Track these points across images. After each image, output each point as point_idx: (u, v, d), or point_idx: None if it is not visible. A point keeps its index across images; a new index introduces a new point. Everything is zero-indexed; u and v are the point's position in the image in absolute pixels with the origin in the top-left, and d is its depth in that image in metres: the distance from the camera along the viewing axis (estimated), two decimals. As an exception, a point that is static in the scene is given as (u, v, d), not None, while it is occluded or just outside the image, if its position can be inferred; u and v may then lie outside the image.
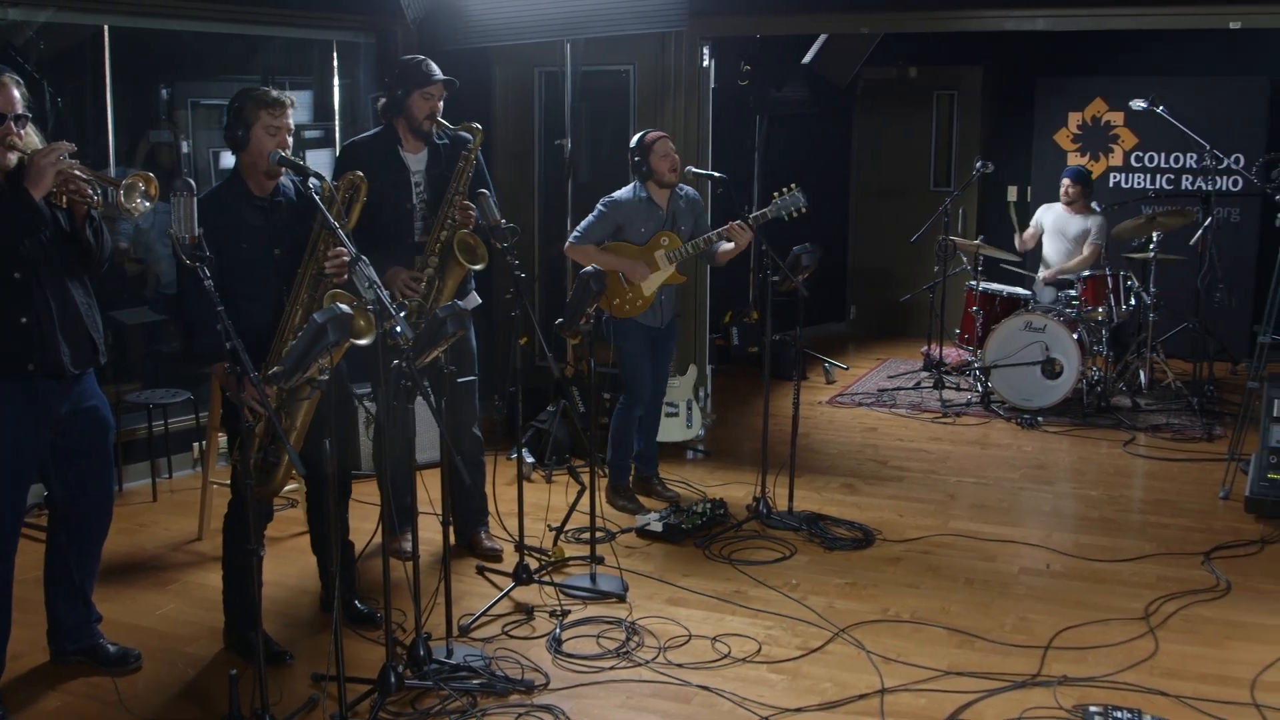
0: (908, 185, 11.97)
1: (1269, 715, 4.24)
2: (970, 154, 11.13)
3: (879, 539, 6.07)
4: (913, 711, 4.28)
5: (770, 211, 6.14)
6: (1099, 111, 11.17)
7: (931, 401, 9.03)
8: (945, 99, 11.85)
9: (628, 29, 7.24)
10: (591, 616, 5.06)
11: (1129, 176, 11.14)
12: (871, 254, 12.21)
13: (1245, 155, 10.43)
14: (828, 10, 7.53)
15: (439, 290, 5.34)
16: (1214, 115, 10.23)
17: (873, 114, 12.15)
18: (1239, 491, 6.69)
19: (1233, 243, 10.47)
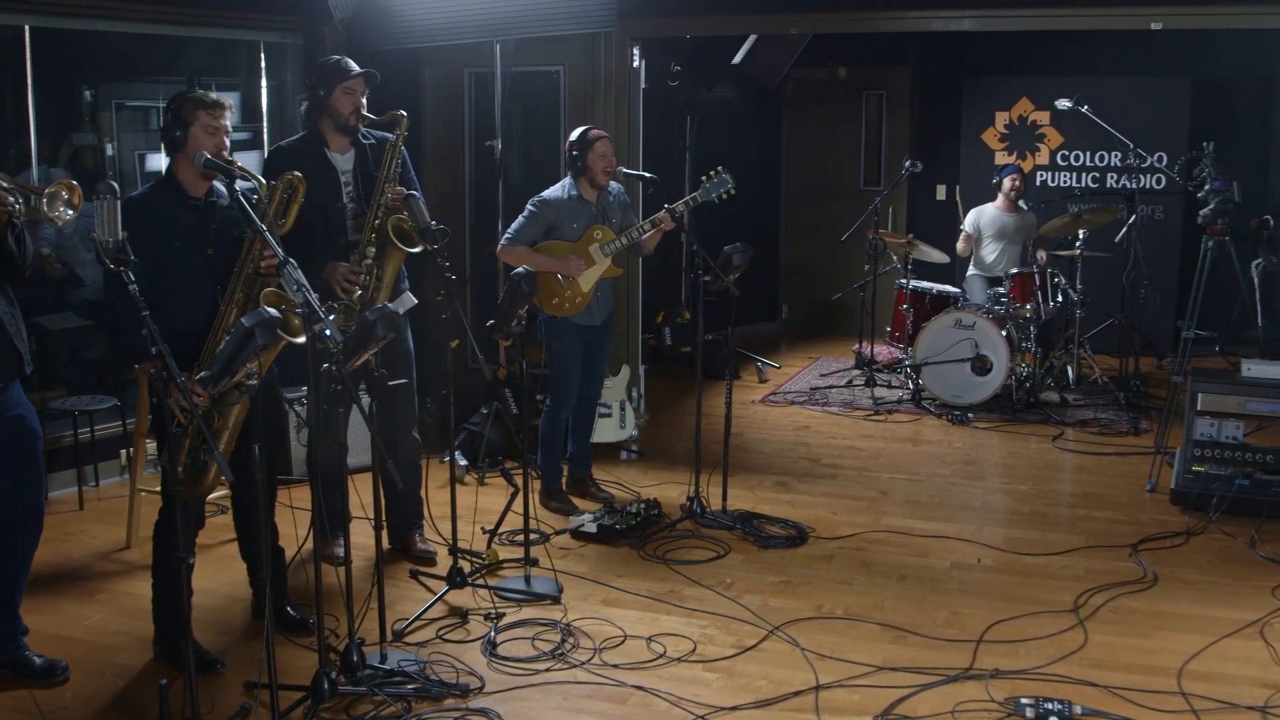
0: (838, 185, 12.05)
1: (1195, 704, 4.31)
2: (899, 153, 11.22)
3: (812, 537, 6.10)
4: (847, 707, 4.31)
5: (700, 195, 6.18)
6: (1026, 111, 11.30)
7: (863, 399, 9.10)
8: (874, 99, 11.94)
9: (558, 30, 7.23)
10: (526, 619, 5.04)
11: (1055, 175, 11.29)
12: (803, 253, 12.28)
13: (1168, 154, 10.61)
14: (757, 11, 7.56)
15: (378, 279, 5.31)
16: (1137, 115, 10.38)
17: (803, 114, 12.22)
18: (1165, 484, 6.81)
19: (1157, 240, 10.65)
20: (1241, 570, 5.70)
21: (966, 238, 9.51)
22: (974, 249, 9.55)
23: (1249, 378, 6.73)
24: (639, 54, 7.64)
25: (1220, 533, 6.19)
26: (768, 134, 12.15)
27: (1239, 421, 6.68)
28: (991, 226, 9.47)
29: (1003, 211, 9.46)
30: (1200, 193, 7.40)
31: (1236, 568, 5.74)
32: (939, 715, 4.23)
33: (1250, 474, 6.48)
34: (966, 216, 9.62)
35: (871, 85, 11.93)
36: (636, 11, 7.39)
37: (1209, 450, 6.63)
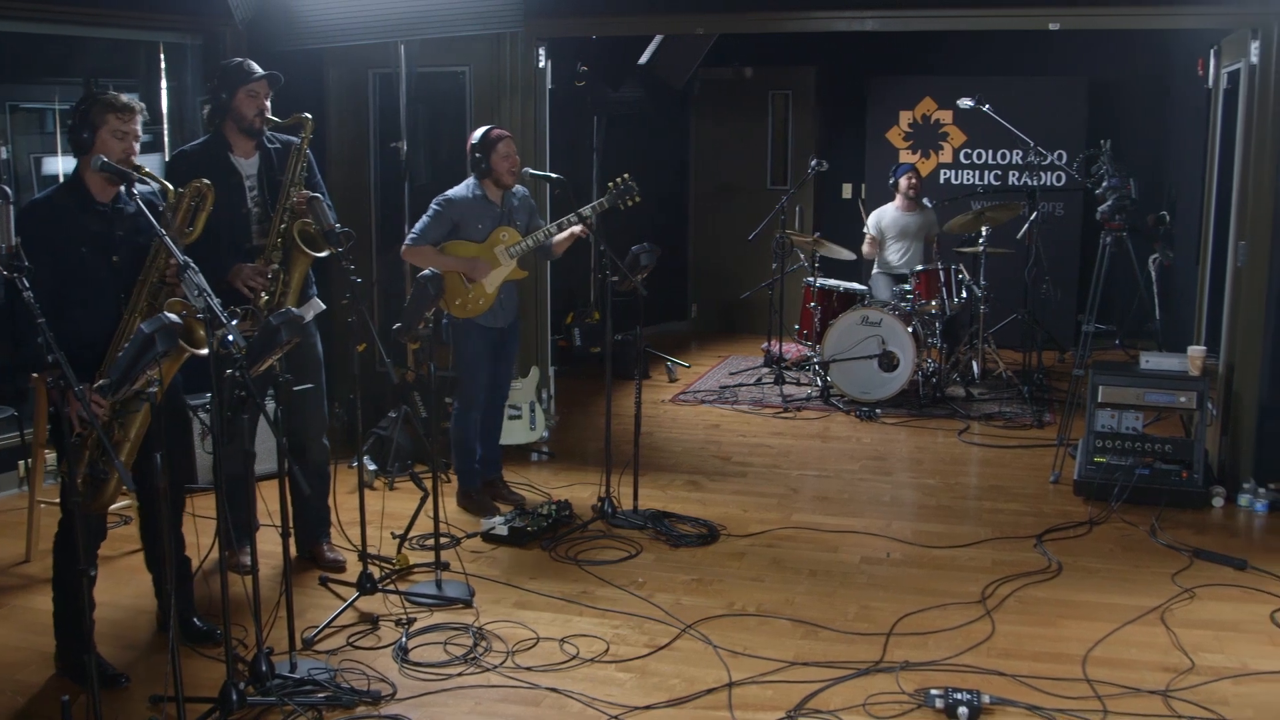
0: (745, 184, 12.12)
1: (1100, 689, 4.40)
2: (806, 152, 11.31)
3: (724, 534, 6.13)
4: (760, 703, 4.33)
5: (606, 201, 6.20)
6: (929, 110, 11.45)
7: (773, 397, 9.15)
8: (780, 99, 12.03)
9: (463, 30, 7.17)
10: (438, 624, 5.01)
11: (958, 173, 11.46)
12: (711, 253, 12.33)
13: (1067, 151, 10.81)
14: (663, 11, 7.58)
15: (285, 284, 5.24)
16: (1037, 113, 10.58)
17: (710, 114, 12.27)
18: (1068, 475, 6.95)
19: (1057, 236, 10.85)
20: (1143, 558, 5.83)
21: (871, 240, 9.61)
22: (878, 249, 9.65)
23: (1147, 370, 6.88)
24: (545, 54, 7.62)
25: (1122, 522, 6.33)
26: (675, 134, 12.19)
27: (1138, 413, 6.82)
28: (894, 227, 9.58)
29: (903, 211, 9.57)
30: (1098, 190, 7.56)
31: (1138, 556, 5.86)
32: (851, 708, 4.27)
33: (1150, 464, 6.63)
34: (869, 219, 9.71)
35: (778, 85, 12.02)
36: (542, 12, 7.36)
37: (1110, 441, 6.76)
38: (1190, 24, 7.91)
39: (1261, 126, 6.56)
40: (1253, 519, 6.49)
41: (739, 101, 12.09)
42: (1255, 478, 6.67)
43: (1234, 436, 6.86)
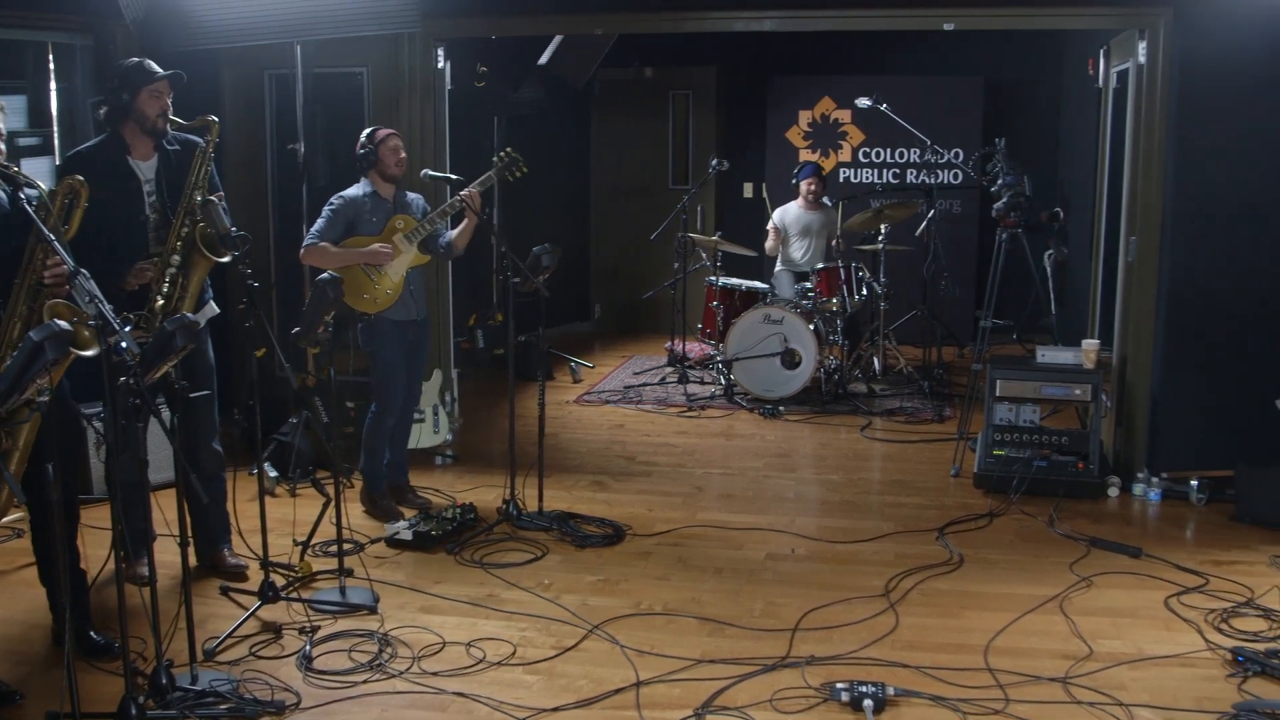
0: (647, 184, 12.14)
1: (1002, 678, 4.47)
2: (706, 152, 11.36)
3: (629, 534, 6.14)
4: (668, 702, 4.34)
5: (494, 174, 6.23)
6: (828, 109, 11.56)
7: (677, 396, 9.18)
8: (681, 99, 12.06)
9: (359, 30, 7.11)
10: (342, 631, 4.95)
11: (858, 172, 11.58)
12: (614, 253, 12.33)
13: (964, 150, 10.99)
14: (561, 11, 7.56)
15: (183, 289, 5.14)
16: (934, 112, 10.73)
17: (610, 114, 12.27)
18: (968, 469, 7.06)
19: (955, 233, 11.02)
20: (1042, 548, 5.94)
21: (775, 233, 9.67)
22: (781, 246, 9.72)
23: (1044, 363, 7.02)
24: (444, 55, 7.56)
25: (1021, 513, 6.45)
26: (576, 134, 12.17)
27: (1035, 406, 6.95)
28: (796, 225, 9.65)
29: (805, 210, 9.65)
30: (994, 187, 7.67)
31: (1037, 546, 5.98)
32: (758, 704, 4.29)
33: (1047, 455, 6.75)
34: (772, 216, 9.78)
35: (678, 85, 12.05)
36: (440, 12, 7.31)
37: (1008, 434, 6.88)
38: (1080, 25, 8.07)
39: (1149, 125, 6.71)
40: (1147, 508, 6.65)
41: (639, 101, 12.10)
42: (1149, 467, 6.83)
43: (1128, 428, 7.02)
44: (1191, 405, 6.75)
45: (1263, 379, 6.46)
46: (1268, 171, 6.45)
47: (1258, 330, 6.56)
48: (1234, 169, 6.50)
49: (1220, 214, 6.54)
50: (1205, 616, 5.08)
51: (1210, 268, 6.60)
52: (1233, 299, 6.59)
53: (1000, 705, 4.28)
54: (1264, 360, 6.51)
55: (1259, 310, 6.55)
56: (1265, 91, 6.39)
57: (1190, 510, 6.59)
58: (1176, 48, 6.54)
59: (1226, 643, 4.79)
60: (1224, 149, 6.50)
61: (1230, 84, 6.44)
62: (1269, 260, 6.48)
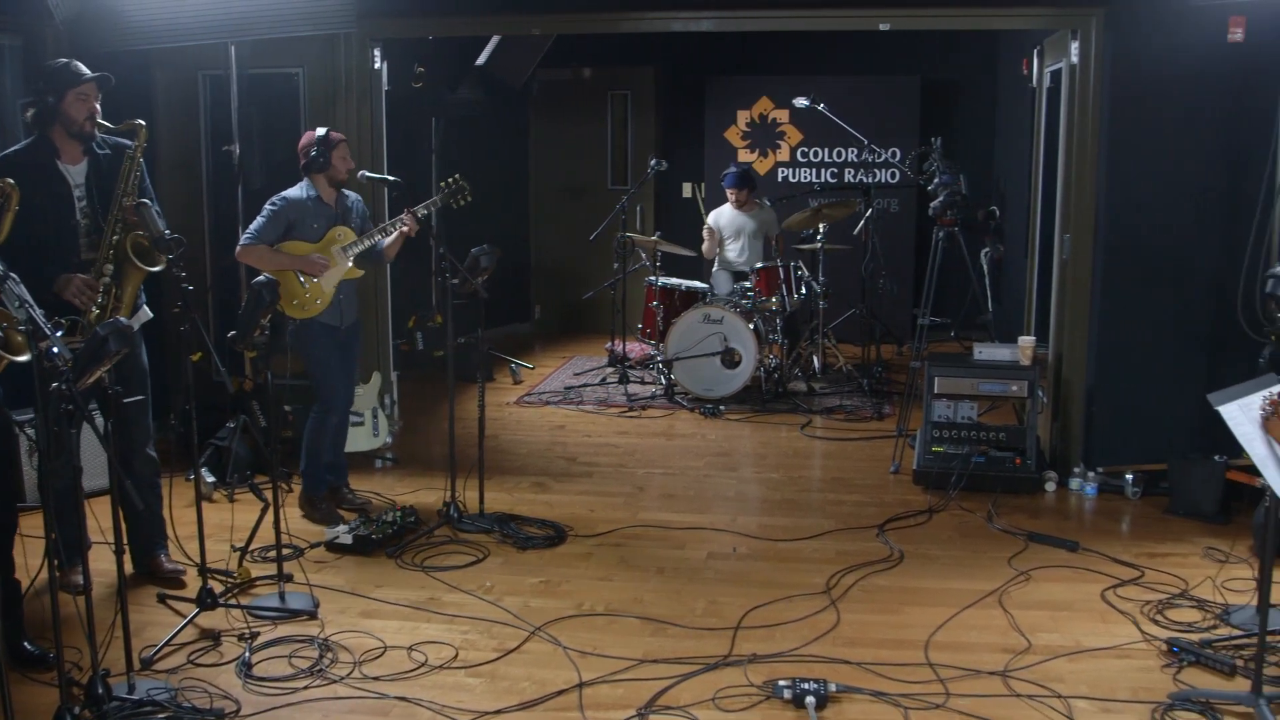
0: (586, 184, 12.14)
1: (942, 673, 4.52)
2: (645, 152, 11.37)
3: (571, 535, 6.13)
4: (611, 702, 4.33)
5: (438, 200, 6.20)
6: (766, 109, 11.61)
7: (617, 396, 9.18)
8: (619, 99, 12.07)
9: (295, 31, 7.05)
10: (282, 637, 4.90)
11: (796, 171, 11.64)
12: (553, 253, 12.31)
13: (901, 149, 11.07)
14: (499, 11, 7.53)
15: (117, 297, 5.07)
16: (871, 112, 10.82)
17: (549, 114, 12.25)
18: (908, 465, 7.12)
19: (893, 232, 11.11)
20: (980, 543, 6.00)
21: (710, 235, 9.69)
22: (718, 247, 9.74)
23: (981, 360, 7.08)
24: (381, 55, 7.52)
25: (960, 509, 6.51)
26: (514, 135, 12.14)
27: (973, 402, 7.02)
28: (730, 226, 9.68)
29: (739, 211, 9.68)
30: (931, 186, 7.74)
31: (976, 541, 6.03)
32: (700, 703, 4.30)
33: (985, 451, 6.82)
34: (708, 218, 9.81)
35: (616, 85, 12.06)
36: (376, 12, 7.27)
37: (946, 431, 6.94)
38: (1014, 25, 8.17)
39: (1082, 124, 6.79)
40: (1083, 502, 6.73)
41: (578, 102, 12.10)
42: (1085, 462, 6.91)
43: (1064, 423, 7.10)
44: (1126, 400, 6.84)
45: (1195, 373, 6.55)
46: (1197, 169, 6.54)
47: (1190, 324, 6.65)
48: (1165, 167, 6.59)
49: (1151, 211, 6.63)
50: (1141, 608, 5.15)
51: (1143, 263, 6.69)
52: (1165, 295, 6.68)
53: (941, 699, 4.32)
54: (1196, 355, 6.61)
55: (1190, 305, 6.64)
56: (1195, 90, 6.49)
57: (1125, 504, 6.68)
58: (1108, 48, 6.63)
59: (1162, 634, 4.86)
60: (1155, 147, 6.59)
61: (1161, 83, 6.54)
62: (1200, 256, 6.57)
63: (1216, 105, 6.49)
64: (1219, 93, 6.47)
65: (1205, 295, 6.55)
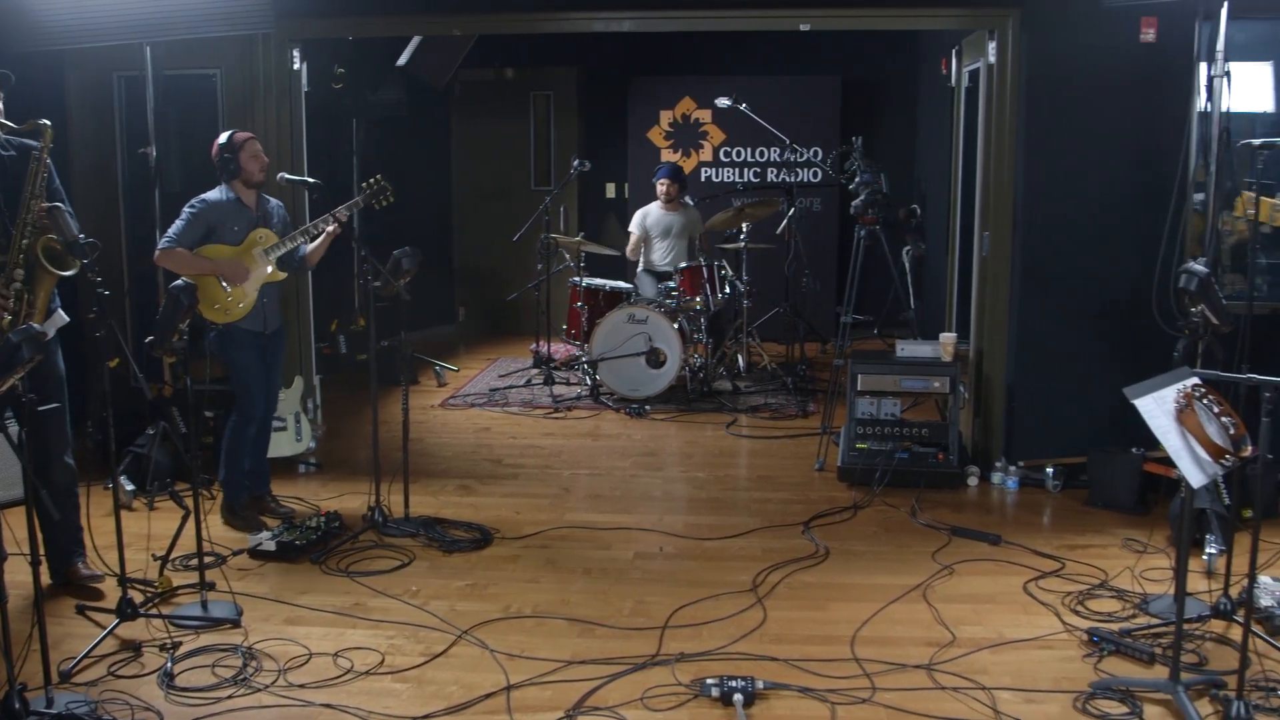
0: (509, 185, 12.10)
1: (868, 668, 4.55)
2: (568, 153, 11.37)
3: (497, 537, 6.10)
4: (539, 704, 4.32)
5: (361, 200, 6.14)
6: (689, 110, 11.65)
7: (543, 397, 9.16)
8: (542, 99, 12.05)
9: (211, 31, 6.95)
10: (205, 646, 4.82)
11: (719, 171, 11.69)
12: (477, 255, 12.26)
13: (822, 148, 11.15)
14: (419, 12, 7.49)
15: (29, 304, 4.97)
16: (793, 111, 10.89)
17: (471, 115, 12.21)
18: (832, 462, 7.18)
19: (815, 231, 11.19)
20: (905, 539, 6.05)
21: (635, 240, 9.71)
22: (644, 247, 9.76)
23: (903, 357, 7.15)
24: (300, 56, 7.44)
25: (884, 504, 6.56)
26: (437, 136, 12.08)
27: (896, 399, 7.08)
28: (657, 225, 9.70)
29: (665, 211, 9.70)
30: (852, 185, 7.79)
31: (900, 536, 6.09)
32: (629, 703, 4.30)
33: (908, 447, 6.88)
34: (633, 219, 9.82)
35: (539, 85, 12.04)
36: (294, 12, 7.19)
37: (870, 427, 7.00)
38: (933, 25, 8.25)
39: (1000, 122, 6.88)
40: (1005, 496, 6.82)
41: (501, 102, 12.06)
42: (1006, 456, 7.00)
43: (985, 418, 7.19)
44: (1045, 395, 6.93)
45: (1113, 367, 6.65)
46: (1112, 167, 6.65)
47: (1106, 320, 6.75)
48: (1080, 165, 6.69)
49: (1068, 208, 6.73)
50: (1062, 599, 5.23)
51: (1060, 260, 6.79)
52: (1082, 290, 6.79)
53: (867, 694, 4.35)
54: (1113, 349, 6.71)
55: (1107, 300, 6.74)
56: (1109, 90, 6.59)
57: (1046, 497, 6.78)
58: (1025, 48, 6.72)
59: (1082, 624, 4.94)
60: (1071, 145, 6.69)
61: (1076, 82, 6.64)
62: (1116, 252, 6.67)
63: (1130, 104, 6.60)
64: (1132, 92, 6.58)
65: (1122, 290, 6.65)
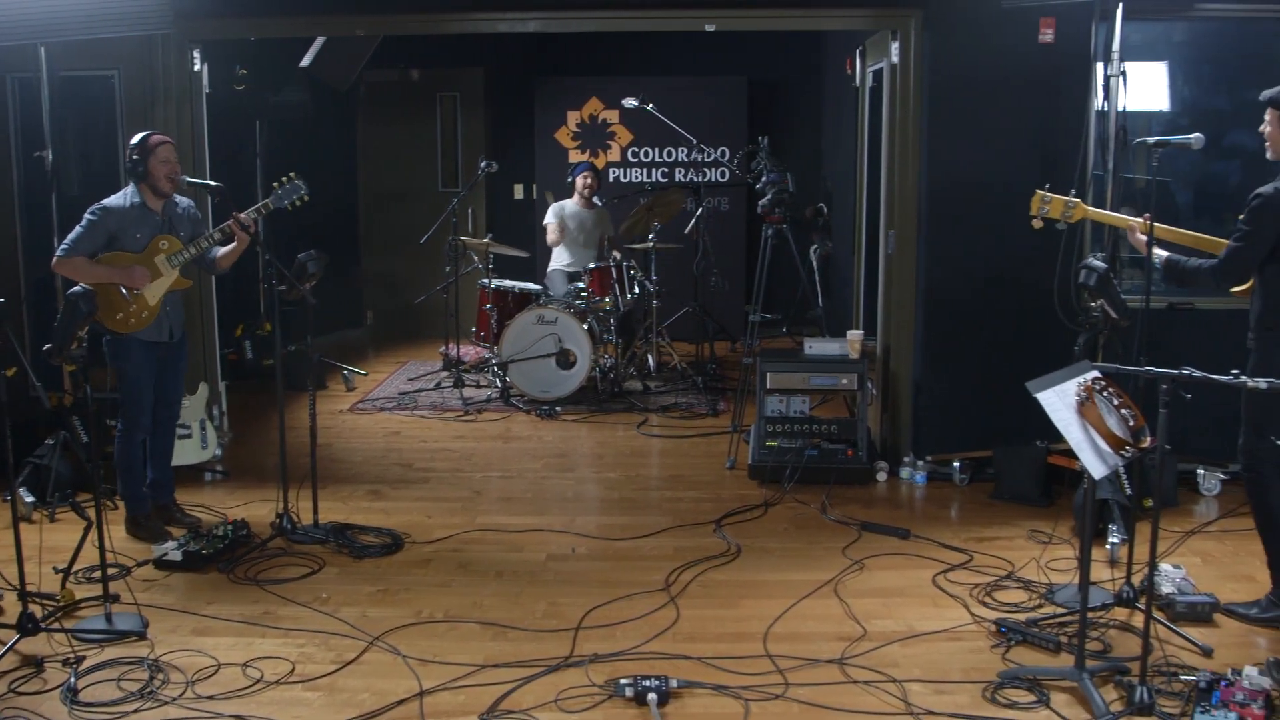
0: (416, 187, 12.01)
1: (781, 664, 4.59)
2: (476, 154, 11.31)
3: (408, 542, 6.06)
4: (452, 709, 4.30)
5: (272, 202, 6.03)
6: (596, 110, 11.65)
7: (453, 400, 9.11)
8: (449, 100, 11.97)
9: (109, 32, 6.83)
10: (110, 659, 4.73)
11: (627, 171, 11.70)
12: (385, 257, 12.15)
13: (729, 148, 11.20)
14: (322, 12, 7.41)
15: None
16: (700, 112, 10.93)
17: (377, 117, 12.09)
18: (743, 460, 7.22)
19: (723, 230, 11.25)
20: (816, 535, 6.11)
21: (554, 226, 9.69)
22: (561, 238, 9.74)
23: (811, 355, 7.21)
24: (201, 57, 7.33)
25: (795, 501, 6.62)
26: (342, 137, 11.95)
27: (805, 396, 7.14)
28: (573, 221, 9.71)
29: (582, 208, 9.70)
30: (759, 184, 7.84)
31: (811, 533, 6.15)
32: (543, 706, 4.29)
33: (818, 444, 6.95)
34: (549, 212, 9.81)
35: (445, 87, 11.96)
36: (194, 13, 7.08)
37: (780, 425, 7.05)
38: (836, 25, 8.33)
39: (904, 122, 6.96)
40: (913, 490, 6.91)
41: (406, 104, 11.97)
42: (914, 451, 7.09)
43: (893, 414, 7.27)
44: (951, 390, 7.03)
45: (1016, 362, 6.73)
46: (1013, 165, 6.75)
47: (1009, 316, 6.86)
48: (983, 163, 6.80)
49: (971, 206, 6.83)
50: (970, 591, 5.32)
51: (964, 257, 6.89)
52: (985, 287, 6.89)
53: (780, 690, 4.38)
54: (1016, 344, 6.81)
55: (1009, 297, 6.84)
56: (1009, 89, 6.71)
57: (954, 491, 6.88)
58: (927, 48, 6.81)
59: (990, 615, 5.03)
60: (973, 144, 6.80)
61: (977, 82, 6.74)
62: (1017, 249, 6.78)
63: (1030, 103, 6.72)
64: (1032, 91, 6.70)
65: (1024, 286, 6.75)
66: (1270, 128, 4.85)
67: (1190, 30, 7.11)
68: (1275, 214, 4.73)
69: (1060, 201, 5.47)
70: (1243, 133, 5.24)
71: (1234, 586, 5.37)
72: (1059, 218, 5.50)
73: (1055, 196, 5.49)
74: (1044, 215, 5.51)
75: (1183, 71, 7.22)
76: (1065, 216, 5.49)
